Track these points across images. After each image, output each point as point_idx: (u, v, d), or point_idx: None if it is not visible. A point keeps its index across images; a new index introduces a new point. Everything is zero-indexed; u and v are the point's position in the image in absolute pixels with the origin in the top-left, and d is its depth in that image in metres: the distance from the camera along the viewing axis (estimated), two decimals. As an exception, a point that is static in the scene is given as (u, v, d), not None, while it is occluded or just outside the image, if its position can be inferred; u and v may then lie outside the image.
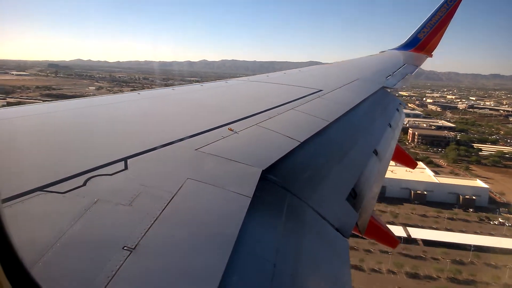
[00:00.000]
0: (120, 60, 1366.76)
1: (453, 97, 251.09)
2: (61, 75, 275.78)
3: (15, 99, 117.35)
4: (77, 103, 3.77)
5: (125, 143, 2.59)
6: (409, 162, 8.26)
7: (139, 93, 4.45)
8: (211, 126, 3.01)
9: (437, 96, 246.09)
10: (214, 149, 2.56)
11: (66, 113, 3.37)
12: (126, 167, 2.09)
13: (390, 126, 5.42)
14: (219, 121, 3.17)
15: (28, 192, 1.68)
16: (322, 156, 3.42)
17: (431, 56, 13.64)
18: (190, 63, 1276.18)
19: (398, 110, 6.66)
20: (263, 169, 2.37)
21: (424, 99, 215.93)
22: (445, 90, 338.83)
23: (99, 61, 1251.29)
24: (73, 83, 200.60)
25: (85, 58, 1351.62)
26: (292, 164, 2.83)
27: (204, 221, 1.79)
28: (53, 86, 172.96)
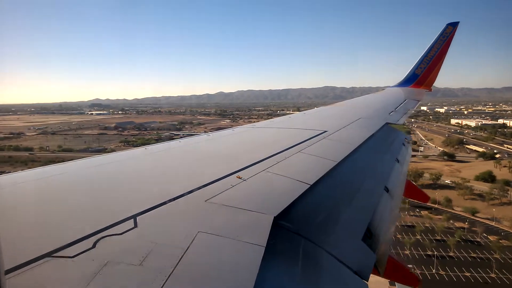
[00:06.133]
0: (138, 97, 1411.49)
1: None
2: (135, 112, 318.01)
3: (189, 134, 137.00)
4: (81, 163, 3.82)
5: (134, 200, 2.56)
6: (421, 196, 7.83)
7: (146, 148, 4.55)
8: (219, 175, 3.02)
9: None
10: (224, 199, 2.53)
11: (71, 173, 3.42)
12: (135, 225, 2.07)
13: (398, 161, 5.33)
14: (227, 170, 3.18)
15: (36, 259, 1.65)
16: (333, 197, 3.36)
17: (430, 90, 13.91)
18: (208, 96, 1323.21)
19: (404, 145, 6.51)
20: (275, 215, 2.32)
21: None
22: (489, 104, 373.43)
23: (118, 99, 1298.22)
24: (180, 119, 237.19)
25: (103, 98, 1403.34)
26: (304, 208, 2.78)
27: (218, 275, 1.73)
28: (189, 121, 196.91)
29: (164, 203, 2.41)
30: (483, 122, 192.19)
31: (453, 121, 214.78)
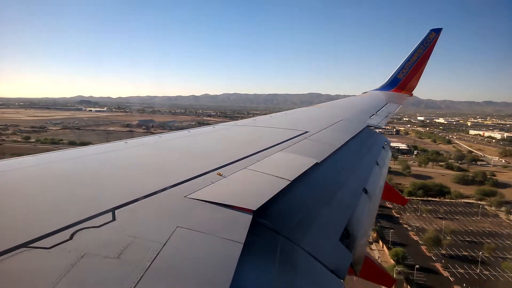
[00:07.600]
0: (122, 96, 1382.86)
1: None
2: (134, 111, 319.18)
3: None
4: (61, 154, 3.69)
5: (113, 193, 2.54)
6: (399, 198, 7.94)
7: (126, 142, 4.41)
8: (199, 172, 3.01)
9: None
10: (204, 195, 2.52)
11: (51, 164, 3.34)
12: (114, 218, 2.05)
13: (378, 164, 5.42)
14: (208, 167, 3.17)
15: (11, 249, 1.63)
16: (312, 197, 3.37)
17: (411, 95, 14.09)
18: (194, 97, 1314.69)
19: (384, 148, 6.64)
20: (254, 212, 2.34)
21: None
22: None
23: (102, 97, 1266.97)
24: (191, 120, 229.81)
25: (85, 94, 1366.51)
26: (283, 207, 2.83)
27: (195, 270, 1.73)
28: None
29: (143, 197, 2.39)
30: (507, 135, 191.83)
31: (472, 132, 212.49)
